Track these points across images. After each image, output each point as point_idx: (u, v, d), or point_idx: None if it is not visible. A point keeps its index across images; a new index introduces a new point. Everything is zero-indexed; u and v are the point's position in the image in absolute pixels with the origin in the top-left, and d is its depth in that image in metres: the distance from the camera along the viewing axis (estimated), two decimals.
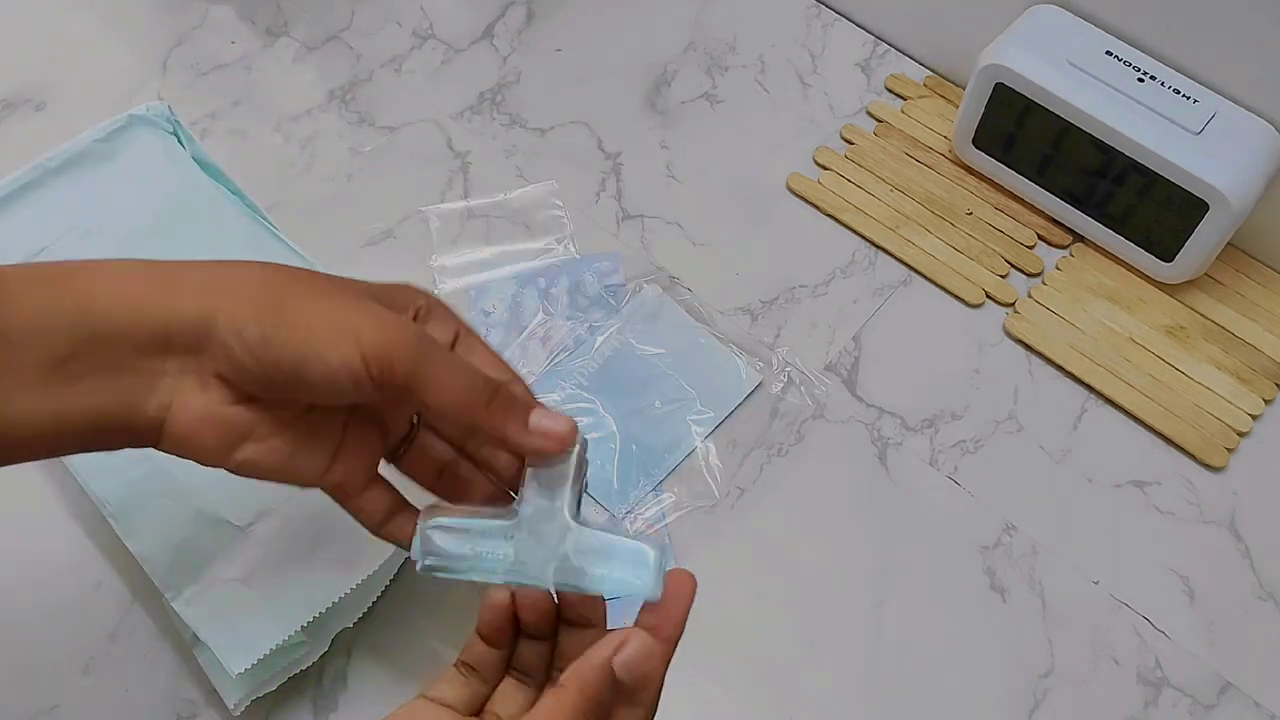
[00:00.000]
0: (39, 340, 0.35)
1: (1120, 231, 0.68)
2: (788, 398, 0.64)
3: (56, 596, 0.56)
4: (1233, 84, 0.64)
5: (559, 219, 0.70)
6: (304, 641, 0.52)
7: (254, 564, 0.51)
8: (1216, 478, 0.63)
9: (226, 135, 0.74)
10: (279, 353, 0.36)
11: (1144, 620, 0.58)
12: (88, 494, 0.53)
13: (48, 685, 0.54)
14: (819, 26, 0.80)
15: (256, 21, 0.79)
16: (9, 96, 0.74)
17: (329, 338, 0.37)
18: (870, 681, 0.56)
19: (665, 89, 0.77)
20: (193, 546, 0.51)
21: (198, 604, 0.51)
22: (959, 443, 0.63)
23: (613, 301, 0.66)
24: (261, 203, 0.64)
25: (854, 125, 0.75)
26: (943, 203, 0.72)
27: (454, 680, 0.41)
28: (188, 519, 0.52)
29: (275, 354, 0.36)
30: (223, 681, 0.51)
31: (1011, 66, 0.65)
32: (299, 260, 0.60)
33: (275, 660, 0.51)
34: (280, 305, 0.37)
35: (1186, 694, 0.56)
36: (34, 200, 0.60)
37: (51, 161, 0.61)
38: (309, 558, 0.52)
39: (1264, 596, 0.59)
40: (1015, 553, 0.60)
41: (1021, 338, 0.67)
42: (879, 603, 0.58)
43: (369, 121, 0.75)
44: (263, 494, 0.52)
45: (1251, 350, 0.66)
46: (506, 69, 0.78)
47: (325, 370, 0.36)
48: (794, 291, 0.69)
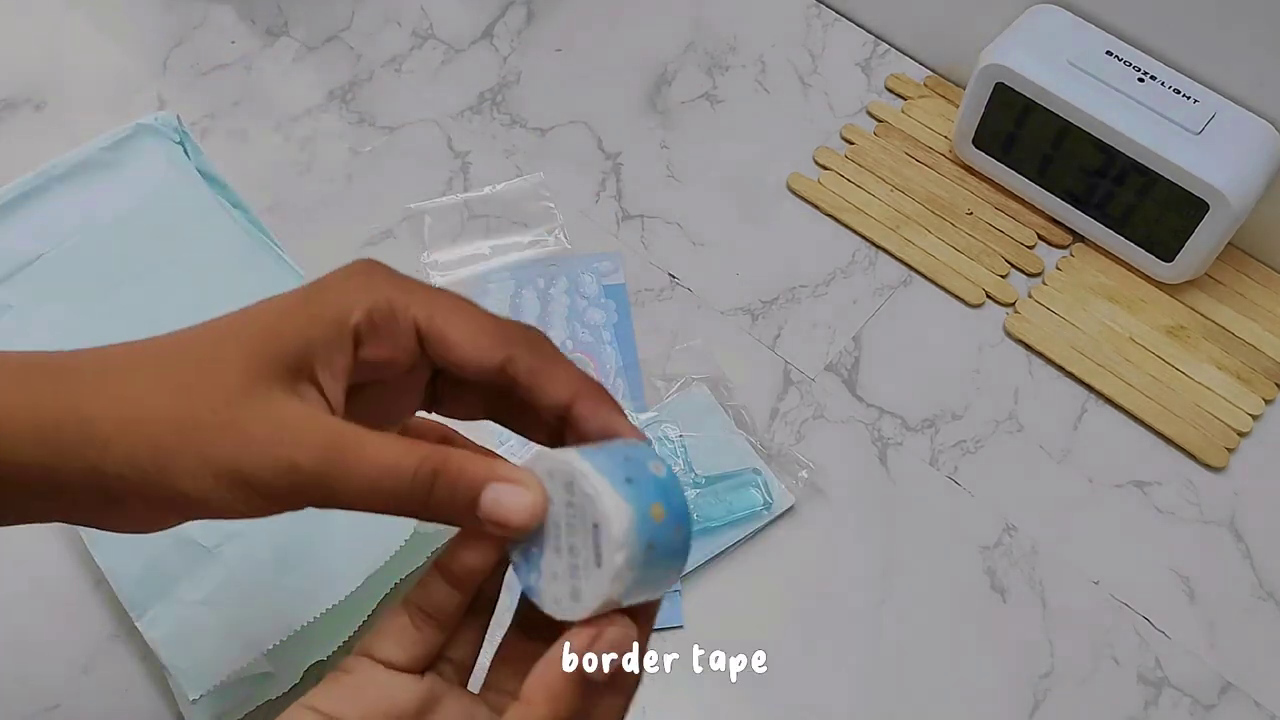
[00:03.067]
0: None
1: (1120, 231, 0.68)
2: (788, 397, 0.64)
3: (56, 597, 0.56)
4: (1233, 84, 0.64)
5: (549, 210, 0.71)
6: (270, 672, 0.51)
7: (219, 587, 0.50)
8: (1217, 478, 0.63)
9: (226, 135, 0.73)
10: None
11: (1144, 620, 0.58)
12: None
13: (48, 685, 0.54)
14: (819, 26, 0.80)
15: (256, 21, 0.79)
16: (9, 96, 0.74)
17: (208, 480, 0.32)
18: (870, 681, 0.56)
19: (665, 89, 0.77)
20: (160, 566, 0.50)
21: (162, 625, 0.50)
22: (959, 443, 0.63)
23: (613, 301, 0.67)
24: (261, 203, 0.64)
25: (854, 125, 0.75)
26: (943, 203, 0.72)
27: (404, 634, 0.34)
28: (157, 537, 0.50)
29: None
30: (185, 706, 0.50)
31: (1011, 66, 0.65)
32: (293, 276, 0.60)
33: (239, 688, 0.50)
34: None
35: (1186, 694, 0.56)
36: (35, 208, 0.60)
37: (56, 169, 0.61)
38: (274, 584, 0.50)
39: (1264, 596, 0.59)
40: (1015, 553, 0.60)
41: (1022, 338, 0.67)
42: (879, 603, 0.58)
43: (369, 121, 0.75)
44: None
45: (1252, 350, 0.66)
46: (506, 69, 0.78)
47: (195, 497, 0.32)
48: (794, 291, 0.69)
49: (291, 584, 0.51)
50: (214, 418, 0.32)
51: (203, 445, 0.31)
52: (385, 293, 0.34)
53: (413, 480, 0.31)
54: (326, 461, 0.31)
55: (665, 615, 0.56)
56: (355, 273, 0.35)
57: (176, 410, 0.32)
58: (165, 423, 0.32)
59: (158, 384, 0.32)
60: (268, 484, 0.31)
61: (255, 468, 0.31)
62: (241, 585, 0.50)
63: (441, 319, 0.34)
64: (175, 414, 0.32)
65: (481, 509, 0.32)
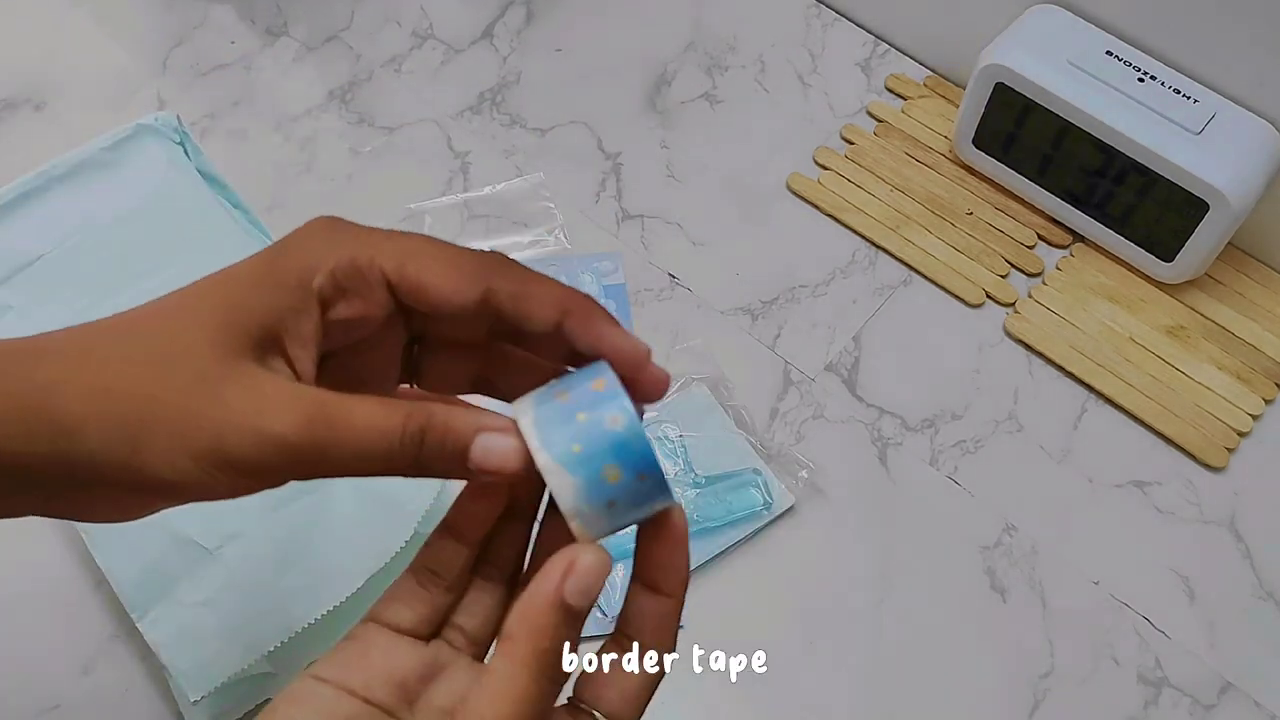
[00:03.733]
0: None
1: (1120, 231, 0.68)
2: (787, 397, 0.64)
3: (56, 597, 0.56)
4: (1233, 84, 0.64)
5: (549, 210, 0.71)
6: (271, 671, 0.51)
7: (220, 588, 0.50)
8: (1217, 478, 0.63)
9: (226, 135, 0.73)
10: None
11: (1144, 620, 0.58)
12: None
13: (48, 685, 0.54)
14: (819, 26, 0.80)
15: (256, 21, 0.79)
16: (9, 96, 0.74)
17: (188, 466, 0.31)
18: (870, 681, 0.56)
19: (665, 89, 0.77)
20: (161, 567, 0.50)
21: (162, 626, 0.50)
22: (959, 443, 0.63)
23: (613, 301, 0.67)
24: (261, 203, 0.64)
25: (854, 125, 0.75)
26: (943, 203, 0.72)
27: (412, 595, 0.34)
28: (157, 538, 0.51)
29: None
30: (186, 707, 0.50)
31: (1011, 66, 0.65)
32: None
33: (238, 688, 0.50)
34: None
35: (1186, 694, 0.56)
36: (35, 208, 0.60)
37: (57, 169, 0.61)
38: (275, 585, 0.50)
39: (1264, 596, 0.59)
40: (1015, 553, 0.60)
41: (1021, 338, 0.67)
42: (879, 603, 0.58)
43: (369, 121, 0.75)
44: (234, 517, 0.51)
45: (1252, 350, 0.66)
46: (506, 69, 0.78)
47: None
48: (794, 291, 0.69)
49: (292, 585, 0.51)
50: (186, 398, 0.30)
51: (178, 425, 0.30)
52: (348, 249, 0.33)
53: (401, 440, 0.31)
54: (312, 431, 0.30)
55: None
56: (314, 232, 0.34)
57: (146, 391, 0.31)
58: (137, 404, 0.31)
59: (126, 365, 0.31)
60: (251, 460, 0.30)
61: (237, 444, 0.30)
62: (242, 586, 0.50)
63: (412, 265, 0.33)
64: (145, 396, 0.31)
65: (473, 459, 0.31)
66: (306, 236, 0.33)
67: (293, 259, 0.33)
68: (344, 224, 0.34)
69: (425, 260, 0.33)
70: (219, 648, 0.49)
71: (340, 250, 0.33)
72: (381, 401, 0.31)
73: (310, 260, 0.33)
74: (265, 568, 0.51)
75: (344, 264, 0.32)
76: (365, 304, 0.33)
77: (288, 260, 0.33)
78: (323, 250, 0.33)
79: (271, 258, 0.33)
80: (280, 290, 0.32)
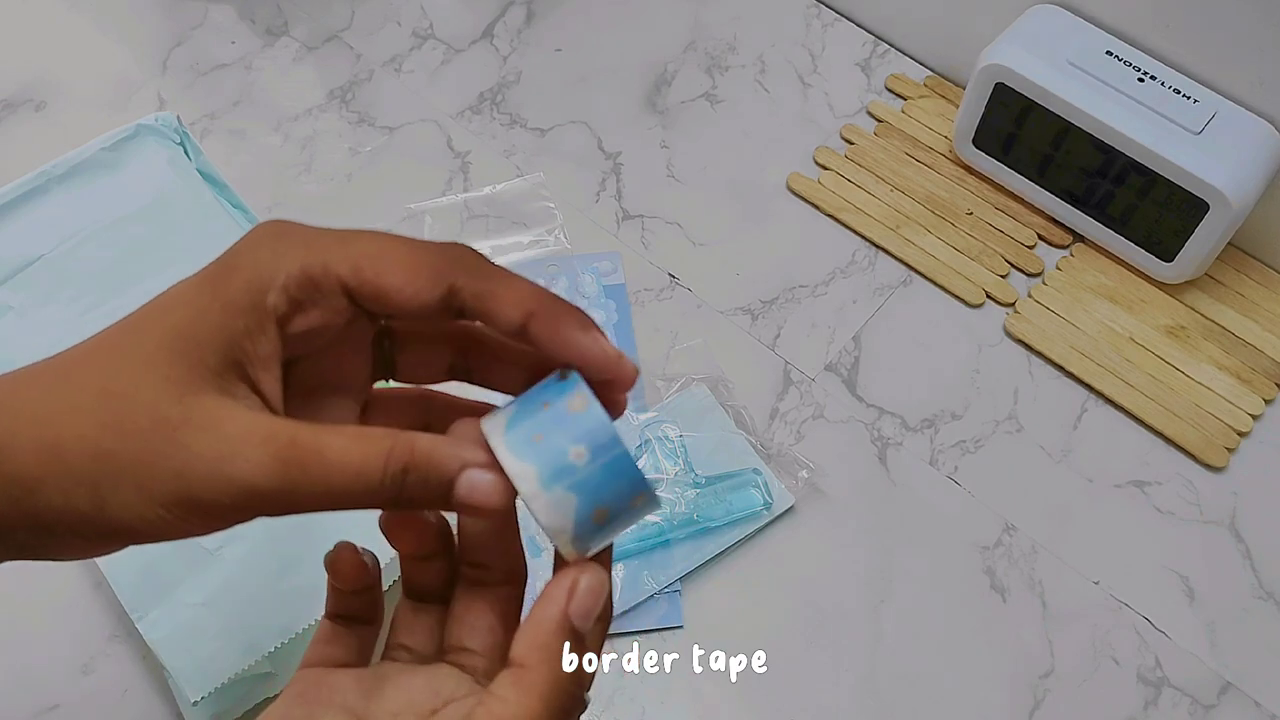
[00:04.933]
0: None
1: (1120, 231, 0.68)
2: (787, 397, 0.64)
3: (56, 597, 0.56)
4: (1233, 84, 0.64)
5: (549, 210, 0.71)
6: (271, 672, 0.51)
7: (220, 589, 0.50)
8: (1216, 478, 0.63)
9: (226, 135, 0.73)
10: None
11: (1144, 620, 0.58)
12: None
13: (48, 685, 0.54)
14: (819, 26, 0.80)
15: (256, 21, 0.79)
16: (9, 96, 0.74)
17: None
18: (870, 681, 0.56)
19: (665, 89, 0.77)
20: (161, 567, 0.50)
21: (162, 627, 0.50)
22: (959, 443, 0.63)
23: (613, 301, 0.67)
24: (261, 203, 0.64)
25: (854, 125, 0.75)
26: (943, 203, 0.72)
27: (333, 636, 0.35)
28: None
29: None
30: (185, 707, 0.50)
31: (1011, 66, 0.65)
32: None
33: (238, 688, 0.50)
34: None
35: (1186, 694, 0.56)
36: (35, 208, 0.60)
37: (57, 169, 0.61)
38: (275, 586, 0.51)
39: (1264, 596, 0.59)
40: (1015, 553, 0.60)
41: (1021, 338, 0.67)
42: (879, 603, 0.58)
43: (369, 121, 0.75)
44: None
45: (1251, 350, 0.66)
46: (506, 69, 0.78)
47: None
48: (794, 291, 0.69)
49: (292, 586, 0.51)
50: (145, 447, 0.29)
51: (139, 478, 0.29)
52: (298, 258, 0.31)
53: (382, 479, 0.29)
54: (284, 475, 0.29)
55: (665, 615, 0.57)
56: (260, 243, 0.31)
57: (102, 447, 0.29)
58: (92, 462, 0.29)
59: (75, 416, 0.29)
60: (220, 506, 0.29)
61: (204, 490, 0.29)
62: (242, 587, 0.50)
63: (369, 268, 0.31)
64: (101, 452, 0.29)
65: (457, 497, 0.30)
66: (252, 248, 0.31)
67: (240, 276, 0.31)
68: (291, 229, 0.32)
69: (383, 262, 0.31)
70: (219, 648, 0.49)
71: (290, 261, 0.31)
72: (358, 435, 0.30)
73: (259, 275, 0.31)
74: (265, 568, 0.51)
75: (296, 276, 0.31)
76: (323, 314, 0.31)
77: (236, 278, 0.31)
78: (271, 263, 0.31)
79: (218, 277, 0.31)
80: (231, 312, 0.30)
